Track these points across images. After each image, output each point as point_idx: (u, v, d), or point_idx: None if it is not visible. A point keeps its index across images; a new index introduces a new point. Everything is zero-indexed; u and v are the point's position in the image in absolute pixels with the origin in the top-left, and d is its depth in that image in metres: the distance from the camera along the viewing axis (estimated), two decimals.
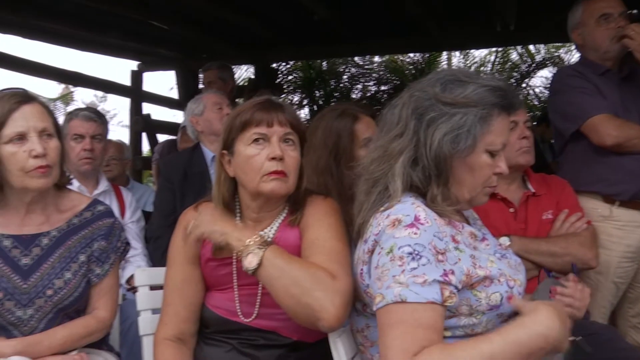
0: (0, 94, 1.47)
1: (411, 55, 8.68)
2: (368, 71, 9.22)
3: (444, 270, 1.12)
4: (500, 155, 1.25)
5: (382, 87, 9.15)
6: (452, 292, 1.11)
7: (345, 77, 9.06)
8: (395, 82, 8.97)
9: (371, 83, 9.24)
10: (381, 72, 9.19)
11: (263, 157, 1.37)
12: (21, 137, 1.44)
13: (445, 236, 1.17)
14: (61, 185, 1.60)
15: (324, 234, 1.38)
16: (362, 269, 1.23)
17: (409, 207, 1.18)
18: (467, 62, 9.41)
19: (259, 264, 1.26)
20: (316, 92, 8.66)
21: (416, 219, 1.15)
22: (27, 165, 1.44)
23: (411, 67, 8.91)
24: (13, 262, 1.50)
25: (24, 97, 1.48)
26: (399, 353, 1.05)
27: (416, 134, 1.21)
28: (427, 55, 8.61)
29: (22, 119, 1.45)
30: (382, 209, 1.22)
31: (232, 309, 1.42)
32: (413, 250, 1.11)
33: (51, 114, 1.53)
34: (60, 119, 1.86)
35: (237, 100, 4.63)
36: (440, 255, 1.13)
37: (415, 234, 1.13)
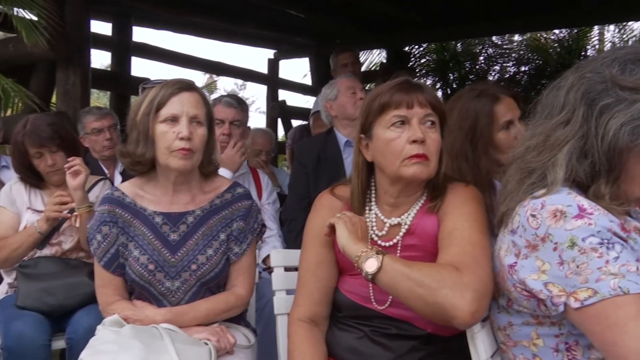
0: (169, 81, 1.60)
1: (556, 31, 7.98)
2: (507, 51, 8.66)
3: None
4: None
5: (523, 68, 8.54)
6: None
7: (481, 58, 8.60)
8: (537, 61, 8.32)
9: (510, 64, 8.67)
10: (521, 52, 8.58)
11: (403, 140, 1.32)
12: (174, 119, 1.55)
13: (615, 225, 1.04)
14: (207, 173, 1.69)
15: (462, 223, 1.30)
16: (515, 262, 1.13)
17: (566, 197, 1.06)
18: (624, 36, 8.42)
19: (379, 268, 1.22)
20: (450, 74, 8.34)
21: (581, 209, 1.04)
22: (173, 145, 1.54)
23: (556, 44, 8.20)
24: (163, 237, 1.61)
25: (185, 86, 1.59)
26: None
27: (586, 123, 1.08)
28: (576, 30, 7.84)
29: (179, 103, 1.56)
30: (530, 196, 1.11)
31: (365, 294, 1.40)
32: (601, 239, 1.01)
33: (207, 105, 1.62)
34: None
35: (366, 87, 4.61)
36: (624, 242, 1.01)
37: (590, 224, 1.02)
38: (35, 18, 3.43)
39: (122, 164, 1.66)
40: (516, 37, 8.62)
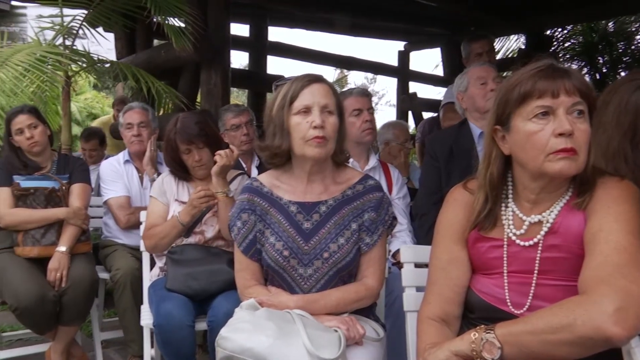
0: (299, 76, 1.68)
1: None
2: None
3: None
4: None
5: None
6: None
7: (638, 37, 7.69)
8: None
9: None
10: None
11: (548, 133, 1.20)
12: (306, 110, 1.61)
13: None
14: (339, 162, 1.74)
15: (610, 224, 1.16)
16: None
17: None
18: None
19: (501, 346, 1.13)
20: (599, 58, 7.56)
21: None
22: (307, 135, 1.60)
23: None
24: (297, 225, 1.67)
25: (314, 78, 1.66)
26: None
27: None
28: None
29: (310, 95, 1.62)
30: None
31: (500, 296, 1.31)
32: None
33: (335, 95, 1.68)
34: None
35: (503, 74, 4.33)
36: None
37: None
38: (182, 25, 3.74)
39: (261, 158, 1.76)
40: None
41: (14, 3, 7.96)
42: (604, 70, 7.47)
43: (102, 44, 4.11)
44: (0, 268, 2.52)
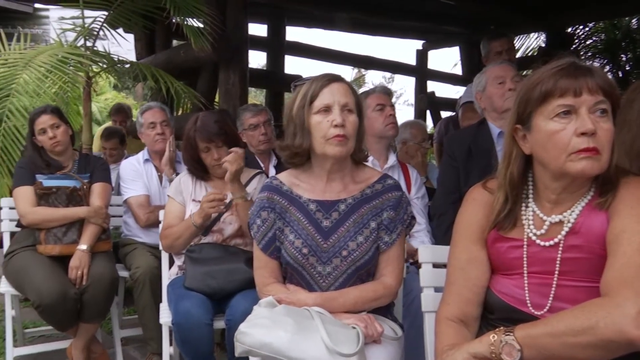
0: (318, 76, 1.70)
1: None
2: None
3: None
4: None
5: None
6: None
7: None
8: None
9: None
10: None
11: (570, 132, 1.18)
12: (327, 109, 1.63)
13: None
14: (358, 160, 1.75)
15: (633, 225, 1.14)
16: None
17: None
18: None
19: (521, 349, 1.12)
20: (622, 55, 7.43)
21: None
22: (328, 133, 1.62)
23: None
24: (316, 223, 1.69)
25: (334, 77, 1.68)
26: None
27: None
28: None
29: (330, 94, 1.64)
30: None
31: (520, 297, 1.30)
32: None
33: (355, 94, 1.70)
34: None
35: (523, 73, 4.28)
36: None
37: None
38: (201, 25, 3.76)
39: (282, 157, 1.77)
40: None
41: (36, 5, 8.11)
42: (627, 68, 7.34)
43: (122, 45, 4.16)
44: (23, 266, 2.56)
